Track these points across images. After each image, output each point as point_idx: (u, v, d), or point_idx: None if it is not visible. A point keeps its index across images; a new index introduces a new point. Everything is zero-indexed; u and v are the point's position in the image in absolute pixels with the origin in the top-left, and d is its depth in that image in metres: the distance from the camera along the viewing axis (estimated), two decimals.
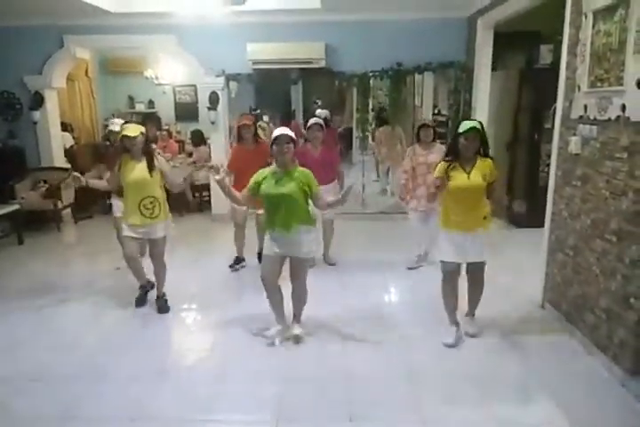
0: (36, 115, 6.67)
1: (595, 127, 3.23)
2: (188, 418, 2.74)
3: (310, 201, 3.40)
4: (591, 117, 3.26)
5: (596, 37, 3.20)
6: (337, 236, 5.17)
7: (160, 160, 3.94)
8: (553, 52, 5.72)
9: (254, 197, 3.40)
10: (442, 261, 3.48)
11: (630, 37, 2.80)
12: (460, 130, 3.21)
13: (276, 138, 3.23)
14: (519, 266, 4.81)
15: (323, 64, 6.36)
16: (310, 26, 6.29)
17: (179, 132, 9.39)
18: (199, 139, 7.60)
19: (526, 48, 6.29)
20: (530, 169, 6.12)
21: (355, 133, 10.14)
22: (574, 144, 3.47)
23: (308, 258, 3.47)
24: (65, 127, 7.72)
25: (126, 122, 4.42)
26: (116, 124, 4.60)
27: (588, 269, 3.34)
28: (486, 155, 3.34)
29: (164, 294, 4.12)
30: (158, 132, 8.28)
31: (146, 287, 4.20)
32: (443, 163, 3.34)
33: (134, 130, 3.74)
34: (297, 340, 3.50)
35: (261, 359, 3.31)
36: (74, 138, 8.14)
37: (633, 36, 2.77)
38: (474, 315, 3.67)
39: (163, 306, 4.04)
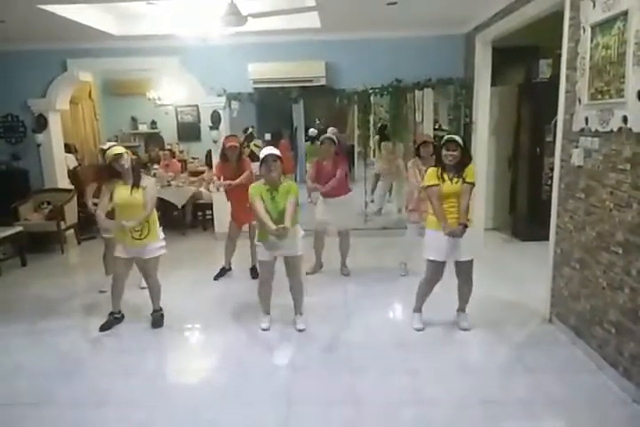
0: (40, 137, 6.73)
1: (597, 139, 3.23)
2: None
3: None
4: (593, 130, 3.26)
5: (594, 50, 3.22)
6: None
7: (149, 182, 3.91)
8: (552, 66, 5.76)
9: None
10: (429, 260, 3.70)
11: (629, 50, 2.81)
12: (441, 143, 3.65)
13: (264, 158, 3.58)
14: (524, 280, 4.77)
15: (323, 82, 6.42)
16: (310, 45, 6.36)
17: (181, 152, 9.44)
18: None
19: (525, 63, 6.33)
20: (533, 183, 6.12)
21: (356, 150, 10.19)
22: (577, 156, 3.47)
23: (301, 255, 3.88)
24: (69, 148, 7.78)
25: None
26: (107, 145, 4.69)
27: (594, 282, 3.31)
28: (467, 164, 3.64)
29: (160, 309, 4.15)
30: (161, 152, 8.33)
31: (115, 315, 4.09)
32: (432, 169, 3.67)
33: (120, 148, 3.85)
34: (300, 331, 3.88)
35: (264, 380, 3.27)
36: (77, 159, 8.19)
37: (632, 48, 2.79)
38: (464, 310, 3.91)
39: (157, 320, 4.08)
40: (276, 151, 3.66)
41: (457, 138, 3.60)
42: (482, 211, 6.38)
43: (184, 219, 7.37)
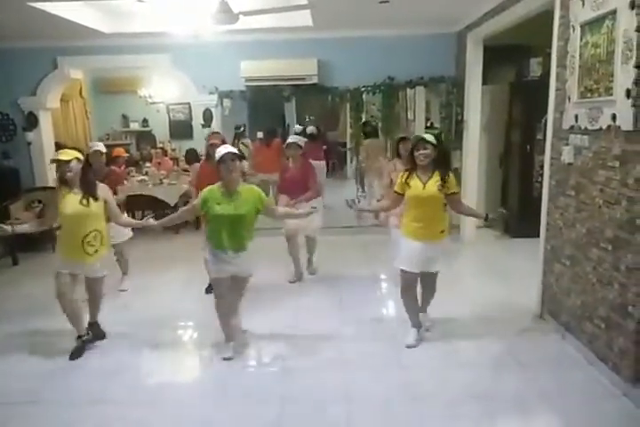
0: (30, 135, 6.69)
1: (586, 137, 3.27)
2: None
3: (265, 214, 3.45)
4: (582, 127, 3.30)
5: (584, 49, 3.25)
6: (331, 249, 5.16)
7: (104, 189, 3.53)
8: (542, 64, 5.80)
9: (201, 212, 3.35)
10: (402, 270, 3.50)
11: (618, 48, 2.84)
12: (412, 143, 3.44)
13: (221, 157, 3.19)
14: (515, 276, 4.81)
15: (315, 80, 6.43)
16: (302, 43, 6.37)
17: (173, 150, 9.41)
18: (193, 157, 7.62)
19: (516, 61, 6.38)
20: (524, 180, 6.16)
21: (348, 148, 10.20)
22: (567, 154, 3.50)
23: (250, 276, 3.47)
24: (59, 147, 7.71)
25: (74, 148, 3.83)
26: (95, 145, 4.78)
27: (584, 278, 3.35)
28: (446, 167, 3.45)
29: (96, 323, 3.79)
30: (153, 150, 8.31)
31: (83, 337, 3.61)
32: (401, 174, 3.47)
33: (68, 154, 3.32)
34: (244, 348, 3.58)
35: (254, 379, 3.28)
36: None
37: (620, 46, 2.82)
38: (426, 311, 3.83)
39: (98, 332, 3.75)
40: (234, 149, 3.30)
41: (427, 136, 3.36)
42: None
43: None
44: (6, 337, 3.95)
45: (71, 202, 3.34)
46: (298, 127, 10.39)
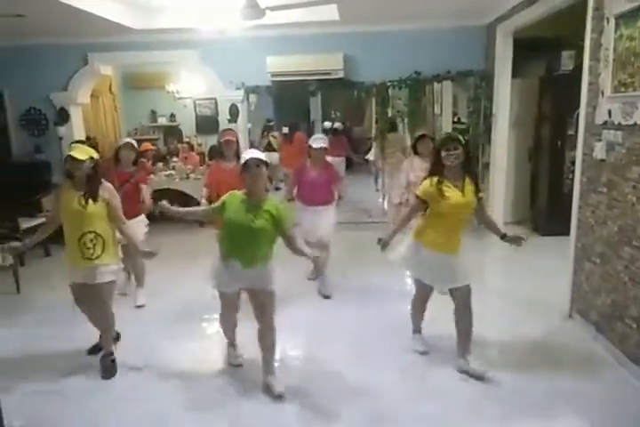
0: (62, 130, 6.83)
1: (620, 132, 3.18)
2: None
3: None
4: (616, 123, 3.21)
5: (618, 42, 3.17)
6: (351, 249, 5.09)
7: (109, 190, 3.30)
8: (574, 57, 5.67)
9: (217, 215, 3.02)
10: (417, 280, 3.29)
11: None
12: (439, 143, 3.10)
13: (245, 163, 2.86)
14: (545, 275, 4.73)
15: (341, 75, 6.41)
16: (328, 37, 6.35)
17: (200, 145, 9.49)
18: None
19: (547, 54, 6.24)
20: (554, 176, 6.04)
21: (374, 143, 10.17)
22: (599, 150, 3.42)
23: (273, 290, 3.01)
24: (90, 142, 7.87)
25: (86, 141, 3.80)
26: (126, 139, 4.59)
27: (616, 276, 3.27)
28: (473, 169, 3.21)
29: (110, 353, 3.36)
30: (180, 145, 8.41)
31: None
32: (429, 181, 3.04)
33: (84, 152, 3.15)
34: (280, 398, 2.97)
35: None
36: (98, 152, 8.25)
37: None
38: (465, 356, 3.20)
39: (108, 367, 3.29)
40: (260, 154, 2.91)
41: (457, 135, 3.06)
42: (501, 204, 6.33)
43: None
44: (41, 326, 4.03)
45: (69, 200, 3.14)
46: (327, 124, 10.57)
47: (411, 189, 4.08)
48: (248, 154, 2.93)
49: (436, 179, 3.01)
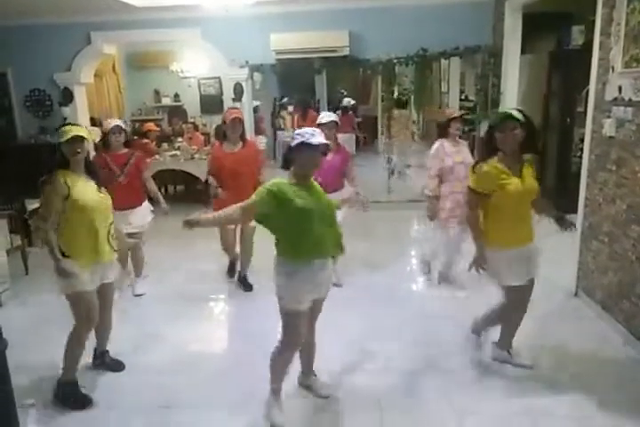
0: (66, 111, 6.79)
1: (630, 109, 3.13)
2: None
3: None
4: (626, 99, 3.16)
5: (631, 16, 3.09)
6: (360, 227, 5.12)
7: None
8: (584, 32, 5.54)
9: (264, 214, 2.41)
10: (511, 287, 2.82)
11: None
12: (493, 123, 2.67)
13: (315, 145, 2.35)
14: (550, 253, 4.65)
15: (347, 52, 6.31)
16: (333, 14, 6.23)
17: (204, 125, 9.45)
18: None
19: (556, 30, 6.11)
20: (562, 154, 5.99)
21: (380, 122, 10.08)
22: (609, 127, 3.37)
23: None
24: (94, 122, 7.85)
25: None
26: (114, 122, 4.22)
27: (623, 255, 3.26)
28: (537, 150, 2.81)
29: (110, 357, 3.22)
30: (184, 125, 8.36)
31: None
32: (486, 169, 2.65)
33: (82, 130, 2.83)
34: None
35: None
36: (102, 133, 8.25)
37: None
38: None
39: (115, 365, 3.17)
40: (324, 139, 2.42)
41: (514, 113, 2.61)
42: None
43: (207, 191, 7.38)
44: (57, 307, 4.07)
45: (83, 190, 2.75)
46: (348, 100, 10.93)
47: (447, 177, 3.92)
48: (316, 138, 2.35)
49: (490, 166, 2.64)
